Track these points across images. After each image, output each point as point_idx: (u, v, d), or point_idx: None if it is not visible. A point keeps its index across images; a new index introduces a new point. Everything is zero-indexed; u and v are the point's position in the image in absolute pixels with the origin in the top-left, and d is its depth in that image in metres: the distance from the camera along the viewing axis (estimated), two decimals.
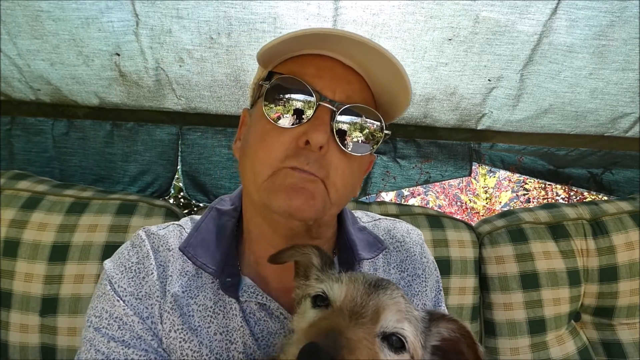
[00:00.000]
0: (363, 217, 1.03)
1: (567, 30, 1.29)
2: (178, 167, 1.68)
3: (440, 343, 0.67)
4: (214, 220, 0.88)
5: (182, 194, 2.93)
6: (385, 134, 0.82)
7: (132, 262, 0.81)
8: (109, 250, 1.27)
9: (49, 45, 1.34)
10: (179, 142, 1.66)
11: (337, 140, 0.76)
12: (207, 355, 0.75)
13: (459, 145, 1.76)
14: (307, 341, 0.52)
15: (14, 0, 1.21)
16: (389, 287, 0.65)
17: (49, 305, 1.23)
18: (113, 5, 1.23)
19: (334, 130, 0.76)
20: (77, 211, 1.33)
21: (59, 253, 1.26)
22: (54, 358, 1.23)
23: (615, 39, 1.30)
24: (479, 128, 1.70)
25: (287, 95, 0.76)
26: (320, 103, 0.75)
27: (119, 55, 1.38)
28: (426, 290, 0.92)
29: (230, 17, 1.26)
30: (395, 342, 0.59)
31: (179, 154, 1.66)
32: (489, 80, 1.47)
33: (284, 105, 0.76)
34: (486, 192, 3.73)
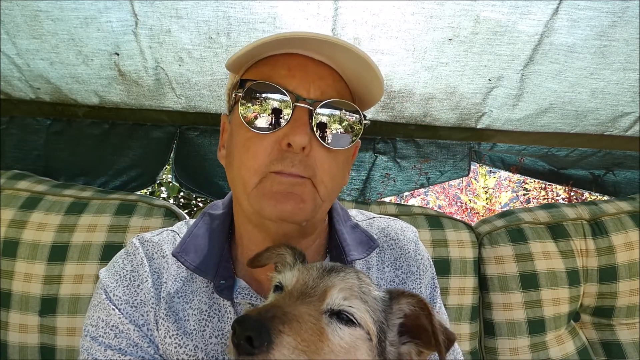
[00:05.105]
0: (357, 215, 1.03)
1: (568, 31, 1.28)
2: (170, 164, 1.67)
3: (404, 320, 0.68)
4: (206, 225, 0.89)
5: (181, 193, 2.93)
6: (365, 124, 0.83)
7: (127, 271, 0.82)
8: (108, 250, 1.27)
9: (48, 44, 1.34)
10: (175, 139, 1.65)
11: (319, 137, 0.77)
12: (202, 358, 0.76)
13: (459, 145, 1.75)
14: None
15: (13, 0, 1.21)
16: (344, 270, 0.67)
17: (48, 305, 1.23)
18: (112, 5, 1.23)
19: (314, 128, 0.76)
20: (76, 211, 1.33)
21: (58, 253, 1.26)
22: (53, 358, 1.23)
23: (616, 39, 1.30)
24: (478, 127, 1.70)
25: (262, 100, 0.76)
26: (297, 104, 0.75)
27: (118, 55, 1.37)
28: (420, 287, 0.93)
29: (229, 17, 1.26)
30: (346, 318, 0.61)
31: (173, 150, 1.65)
32: (489, 79, 1.46)
33: (260, 111, 0.76)
34: (486, 192, 3.73)
